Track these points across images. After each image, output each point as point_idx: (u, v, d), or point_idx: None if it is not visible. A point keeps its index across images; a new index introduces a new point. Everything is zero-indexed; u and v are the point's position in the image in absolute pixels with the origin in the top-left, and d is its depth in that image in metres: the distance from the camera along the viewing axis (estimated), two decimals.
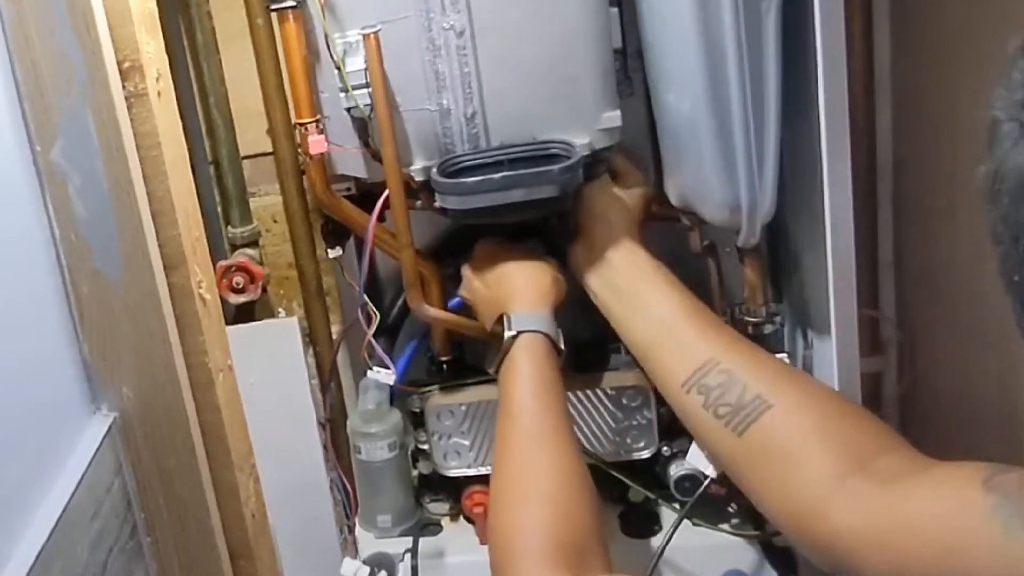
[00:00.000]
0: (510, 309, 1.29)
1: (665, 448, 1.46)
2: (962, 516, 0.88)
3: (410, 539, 1.50)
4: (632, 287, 1.30)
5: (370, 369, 1.44)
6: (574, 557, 1.01)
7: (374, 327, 1.43)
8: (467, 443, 1.50)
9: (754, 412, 1.12)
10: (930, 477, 0.96)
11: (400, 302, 1.51)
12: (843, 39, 1.14)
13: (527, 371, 1.22)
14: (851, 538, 0.99)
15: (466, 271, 1.40)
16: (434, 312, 1.41)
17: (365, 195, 1.42)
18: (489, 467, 1.46)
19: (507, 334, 1.25)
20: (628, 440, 1.47)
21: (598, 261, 1.34)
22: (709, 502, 1.40)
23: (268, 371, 1.55)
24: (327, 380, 1.62)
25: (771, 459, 1.11)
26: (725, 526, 1.45)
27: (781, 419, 1.11)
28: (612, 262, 1.33)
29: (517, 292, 1.32)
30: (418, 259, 1.39)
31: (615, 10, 1.32)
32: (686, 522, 1.39)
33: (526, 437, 1.17)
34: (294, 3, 1.30)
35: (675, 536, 1.35)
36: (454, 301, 1.47)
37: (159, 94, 1.17)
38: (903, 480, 0.98)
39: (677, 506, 1.47)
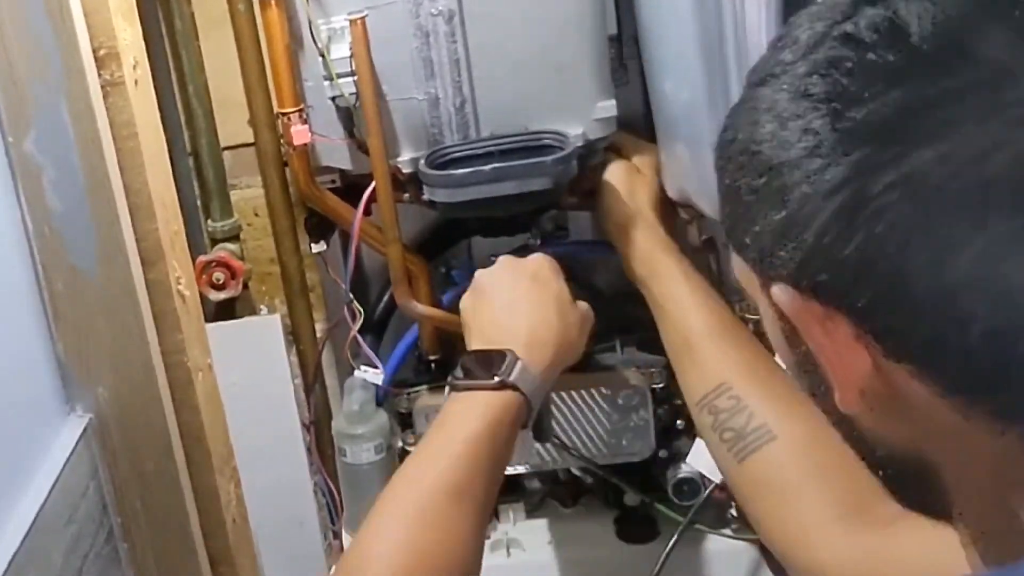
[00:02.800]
0: (521, 352, 1.17)
1: (662, 451, 1.47)
2: (955, 551, 0.90)
3: None
4: (657, 297, 1.30)
5: (356, 369, 1.44)
6: None
7: (358, 324, 1.44)
8: None
9: (755, 442, 1.14)
10: (925, 522, 0.98)
11: (387, 299, 1.52)
12: None
13: (490, 432, 1.11)
14: (841, 571, 1.01)
15: (498, 285, 1.27)
16: (422, 309, 1.42)
17: (350, 188, 1.43)
18: None
19: (500, 377, 1.13)
20: (624, 442, 1.48)
21: (628, 258, 1.34)
22: (709, 506, 1.41)
23: (249, 371, 1.55)
24: (311, 380, 1.62)
25: (767, 491, 1.12)
26: (726, 531, 1.46)
27: (782, 453, 1.12)
28: (641, 263, 1.32)
29: (538, 344, 1.20)
30: (406, 254, 1.39)
31: None
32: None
33: (448, 499, 1.05)
34: None
35: (676, 544, 1.37)
36: (446, 297, 1.48)
37: (136, 83, 1.17)
38: (902, 520, 1.00)
39: (676, 510, 1.48)
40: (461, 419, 1.11)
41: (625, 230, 1.35)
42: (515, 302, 1.23)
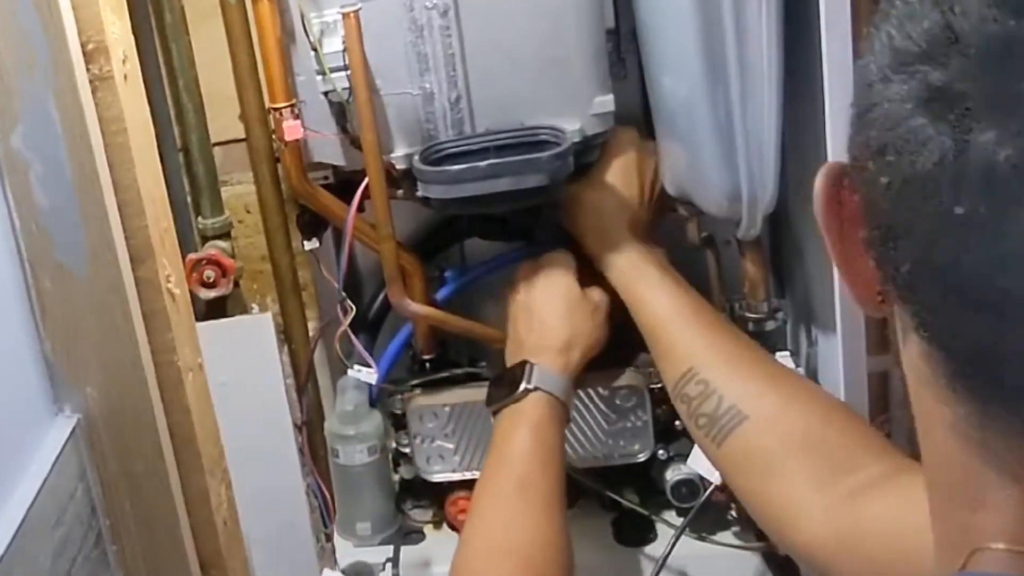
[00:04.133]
0: (536, 359, 1.32)
1: (661, 451, 1.47)
2: (912, 518, 0.91)
3: (391, 548, 1.51)
4: (627, 290, 1.33)
5: (349, 368, 1.45)
6: None
7: (349, 319, 1.44)
8: (451, 446, 1.50)
9: (729, 424, 1.17)
10: (900, 483, 1.00)
11: (381, 297, 1.52)
12: (848, 16, 1.15)
13: (530, 430, 1.26)
14: (825, 549, 1.04)
15: (514, 300, 1.41)
16: (417, 308, 1.42)
17: (344, 184, 1.43)
18: (475, 471, 1.47)
19: (523, 385, 1.29)
20: (622, 443, 1.48)
21: (597, 259, 1.37)
22: (709, 508, 1.41)
23: (241, 370, 1.55)
24: (303, 380, 1.62)
25: (748, 470, 1.15)
26: (726, 534, 1.46)
27: (755, 431, 1.15)
28: (608, 262, 1.36)
29: (550, 346, 1.33)
30: (400, 252, 1.39)
31: None
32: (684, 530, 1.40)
33: (517, 487, 1.21)
34: None
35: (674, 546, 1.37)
36: (441, 294, 1.48)
37: (125, 77, 1.17)
38: (876, 489, 1.02)
39: (674, 513, 1.48)
40: (506, 432, 1.27)
41: (586, 239, 1.40)
42: (528, 310, 1.37)
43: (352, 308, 1.44)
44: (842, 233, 0.62)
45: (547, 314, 1.35)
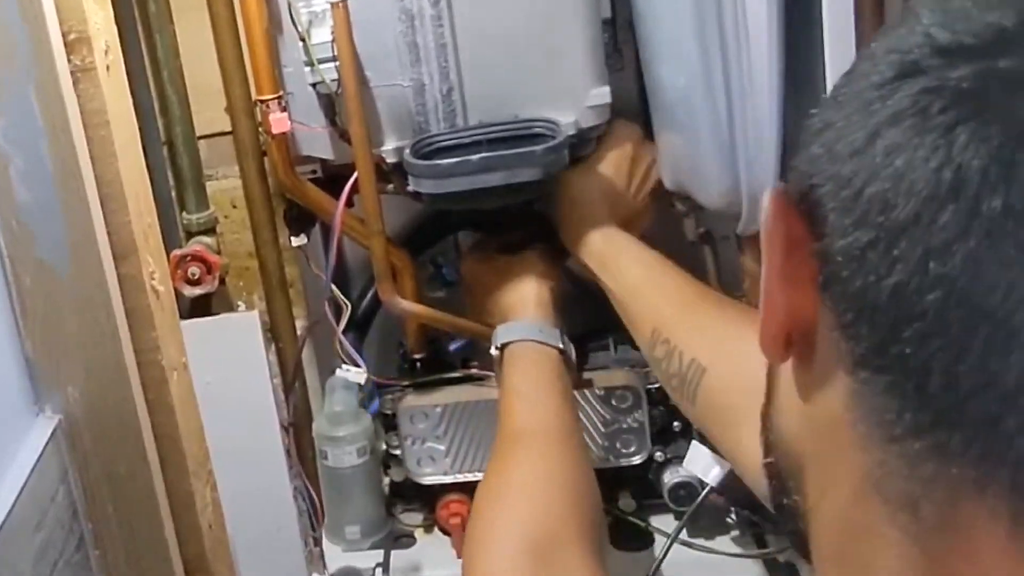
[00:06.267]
0: (497, 322, 1.37)
1: (658, 453, 1.47)
2: None
3: (381, 552, 1.51)
4: (600, 266, 1.36)
5: (338, 367, 1.45)
6: (543, 555, 1.03)
7: (345, 320, 1.44)
8: (443, 448, 1.51)
9: (694, 378, 1.17)
10: None
11: (370, 295, 1.52)
12: (851, 7, 1.16)
13: (512, 378, 1.28)
14: None
15: (467, 298, 1.50)
16: (407, 305, 1.42)
17: (332, 178, 1.43)
18: (467, 474, 1.48)
19: (492, 350, 1.33)
20: (618, 445, 1.49)
21: (573, 245, 1.40)
22: (707, 512, 1.42)
23: (226, 369, 1.55)
24: (291, 379, 1.62)
25: (716, 421, 1.16)
26: (724, 539, 1.47)
27: (716, 381, 1.15)
28: (583, 244, 1.38)
29: (505, 309, 1.38)
30: (390, 248, 1.40)
31: None
32: (682, 535, 1.40)
33: (508, 438, 1.21)
34: None
35: (670, 550, 1.37)
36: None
37: (108, 68, 1.17)
38: None
39: (671, 516, 1.48)
40: (500, 396, 1.30)
41: (565, 224, 1.43)
42: (471, 294, 1.51)
43: (347, 305, 1.45)
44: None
45: (493, 292, 1.42)
